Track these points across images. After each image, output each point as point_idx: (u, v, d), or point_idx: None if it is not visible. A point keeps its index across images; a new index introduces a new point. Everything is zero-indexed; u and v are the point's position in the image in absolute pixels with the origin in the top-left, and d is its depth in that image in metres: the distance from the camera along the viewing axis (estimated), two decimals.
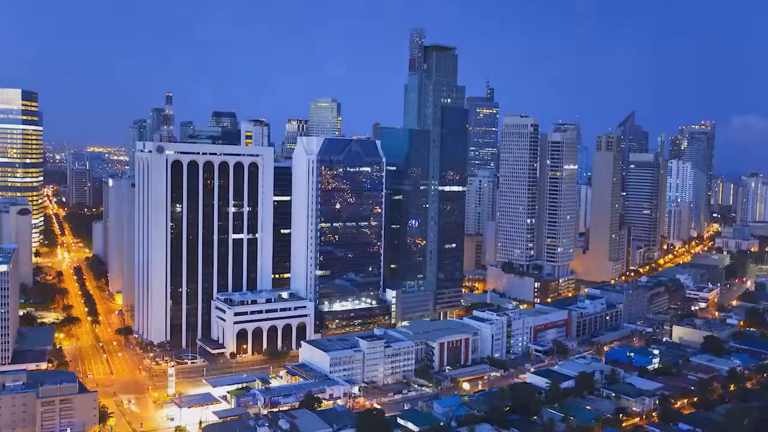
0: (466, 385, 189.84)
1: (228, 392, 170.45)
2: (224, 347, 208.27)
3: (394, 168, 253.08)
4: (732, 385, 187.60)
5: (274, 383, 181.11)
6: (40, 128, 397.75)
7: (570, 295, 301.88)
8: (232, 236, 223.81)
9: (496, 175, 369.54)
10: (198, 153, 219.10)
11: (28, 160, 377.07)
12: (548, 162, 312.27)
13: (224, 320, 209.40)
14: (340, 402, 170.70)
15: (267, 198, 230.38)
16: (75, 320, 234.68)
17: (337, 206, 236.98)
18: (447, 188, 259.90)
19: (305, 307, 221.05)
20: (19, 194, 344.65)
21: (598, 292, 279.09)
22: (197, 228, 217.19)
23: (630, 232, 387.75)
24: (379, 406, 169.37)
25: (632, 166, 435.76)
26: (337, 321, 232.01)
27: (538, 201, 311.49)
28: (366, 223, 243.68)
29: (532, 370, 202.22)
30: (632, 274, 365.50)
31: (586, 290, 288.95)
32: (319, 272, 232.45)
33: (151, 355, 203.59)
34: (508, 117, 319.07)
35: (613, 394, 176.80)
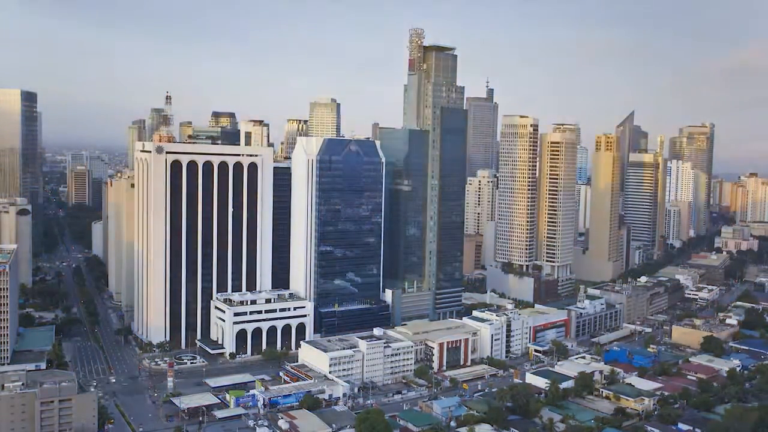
0: (465, 385, 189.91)
1: (228, 392, 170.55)
2: (224, 347, 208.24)
3: (394, 168, 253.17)
4: (732, 385, 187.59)
5: (274, 384, 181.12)
6: (40, 129, 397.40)
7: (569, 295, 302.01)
8: (232, 236, 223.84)
9: (495, 175, 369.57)
10: (197, 153, 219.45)
11: (27, 161, 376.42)
12: (548, 162, 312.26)
13: (224, 320, 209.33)
14: (339, 402, 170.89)
15: (266, 198, 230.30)
16: (75, 320, 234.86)
17: (337, 206, 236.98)
18: (446, 188, 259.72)
19: (305, 307, 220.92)
20: (19, 194, 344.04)
21: (597, 292, 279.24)
22: (197, 228, 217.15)
23: (630, 232, 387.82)
24: (378, 407, 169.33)
25: (632, 166, 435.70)
26: (336, 321, 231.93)
27: (537, 201, 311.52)
28: (366, 224, 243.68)
29: (532, 370, 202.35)
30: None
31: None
32: (318, 272, 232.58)
33: (151, 355, 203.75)
34: (507, 117, 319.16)
35: (613, 394, 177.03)
